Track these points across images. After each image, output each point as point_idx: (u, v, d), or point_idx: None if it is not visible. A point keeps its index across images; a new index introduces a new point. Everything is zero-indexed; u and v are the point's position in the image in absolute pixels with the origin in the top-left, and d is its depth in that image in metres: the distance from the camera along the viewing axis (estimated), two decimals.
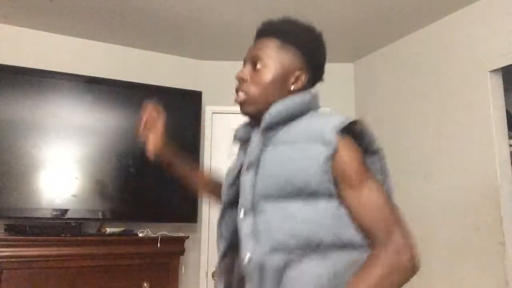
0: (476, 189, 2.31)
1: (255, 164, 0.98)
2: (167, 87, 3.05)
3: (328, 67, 1.16)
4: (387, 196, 0.97)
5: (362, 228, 0.93)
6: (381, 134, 3.07)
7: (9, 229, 2.46)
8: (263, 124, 1.00)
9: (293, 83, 1.06)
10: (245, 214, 0.97)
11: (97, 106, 2.80)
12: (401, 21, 2.70)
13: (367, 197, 0.93)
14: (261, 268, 0.92)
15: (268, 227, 0.94)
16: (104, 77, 2.89)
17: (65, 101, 2.73)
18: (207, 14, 2.64)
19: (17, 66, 2.65)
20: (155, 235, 2.72)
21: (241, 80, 1.05)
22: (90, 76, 2.83)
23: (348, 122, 0.97)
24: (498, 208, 2.19)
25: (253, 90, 1.03)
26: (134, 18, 2.71)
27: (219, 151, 3.20)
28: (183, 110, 3.07)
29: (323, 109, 1.11)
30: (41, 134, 2.63)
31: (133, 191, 2.83)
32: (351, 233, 0.94)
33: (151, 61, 3.24)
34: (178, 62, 3.34)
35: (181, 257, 2.78)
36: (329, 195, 0.94)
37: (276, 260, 0.92)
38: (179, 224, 2.99)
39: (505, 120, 2.32)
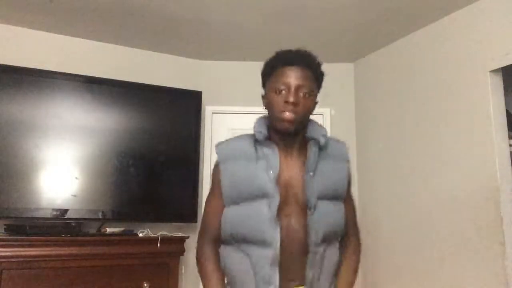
0: (476, 189, 2.31)
1: (313, 171, 1.30)
2: (167, 87, 3.05)
3: (328, 67, 1.22)
4: None
5: (348, 223, 1.39)
6: (381, 134, 3.08)
7: (9, 229, 2.46)
8: (322, 143, 1.32)
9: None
10: (309, 209, 1.27)
11: (97, 106, 2.80)
12: (401, 21, 2.70)
13: (353, 203, 1.46)
14: (314, 255, 1.27)
15: (321, 222, 1.28)
16: (104, 77, 2.89)
17: (65, 101, 2.73)
18: (207, 14, 2.64)
19: (17, 66, 2.64)
20: (155, 235, 2.72)
21: (294, 104, 1.25)
22: (90, 76, 2.83)
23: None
24: (498, 208, 2.19)
25: (301, 113, 1.27)
26: (134, 18, 2.71)
27: None
28: (183, 110, 3.07)
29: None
30: (41, 134, 2.63)
31: (133, 191, 2.83)
32: None
33: (151, 61, 3.24)
34: (178, 62, 3.34)
35: (181, 257, 2.79)
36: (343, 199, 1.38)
37: (321, 249, 1.29)
38: (179, 224, 2.99)
39: (505, 120, 2.32)
